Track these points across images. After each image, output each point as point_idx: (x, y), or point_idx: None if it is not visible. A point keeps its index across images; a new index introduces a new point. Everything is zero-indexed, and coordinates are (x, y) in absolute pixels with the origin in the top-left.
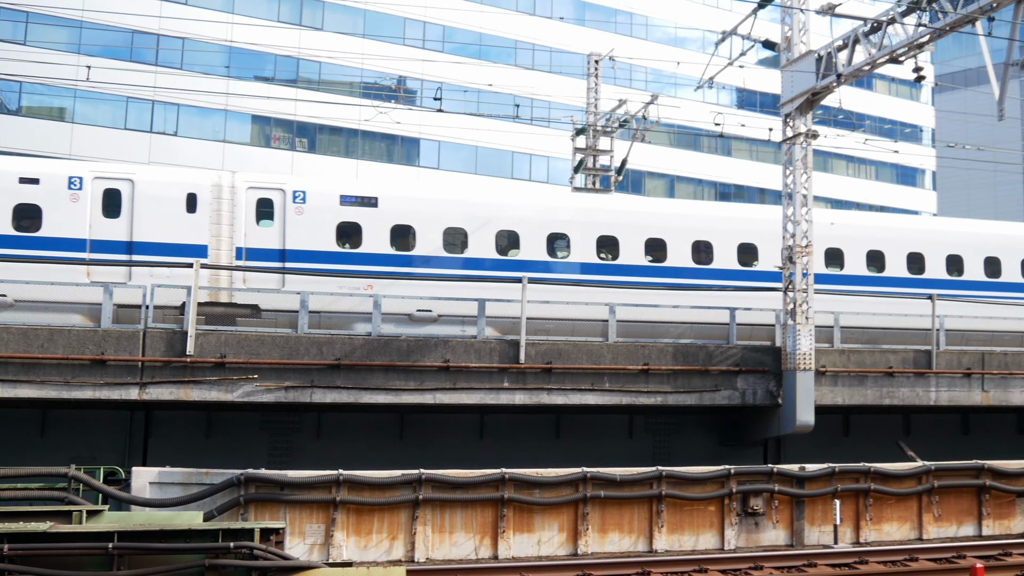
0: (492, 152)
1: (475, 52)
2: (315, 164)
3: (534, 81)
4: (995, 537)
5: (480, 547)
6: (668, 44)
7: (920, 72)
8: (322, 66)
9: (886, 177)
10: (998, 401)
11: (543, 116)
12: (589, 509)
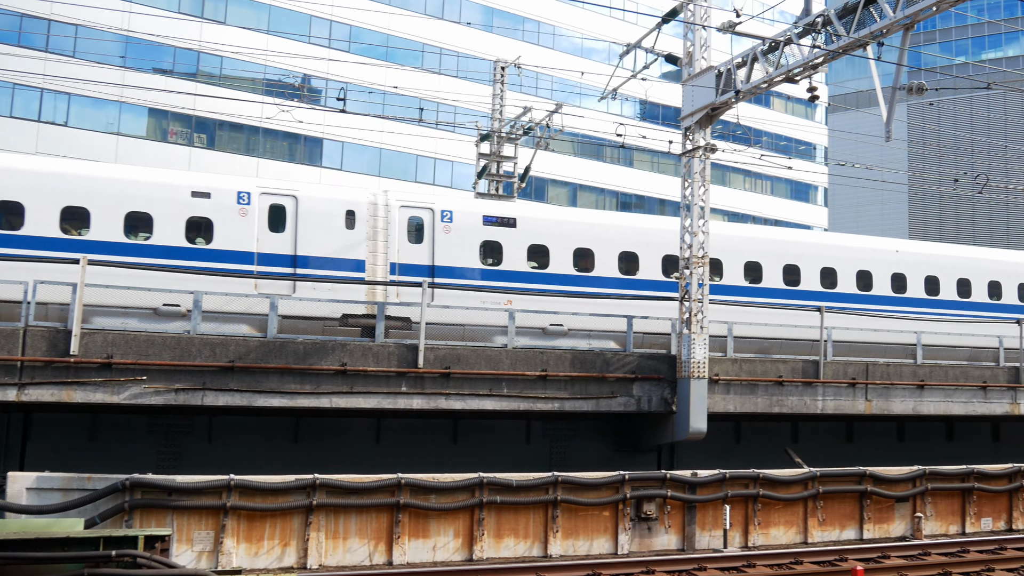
0: (396, 155)
1: (381, 53)
2: (213, 161)
3: (440, 85)
4: (875, 540)
5: (375, 553)
6: (574, 54)
7: (814, 92)
8: (224, 61)
9: (781, 192)
10: (880, 410)
11: (448, 120)
12: (485, 514)
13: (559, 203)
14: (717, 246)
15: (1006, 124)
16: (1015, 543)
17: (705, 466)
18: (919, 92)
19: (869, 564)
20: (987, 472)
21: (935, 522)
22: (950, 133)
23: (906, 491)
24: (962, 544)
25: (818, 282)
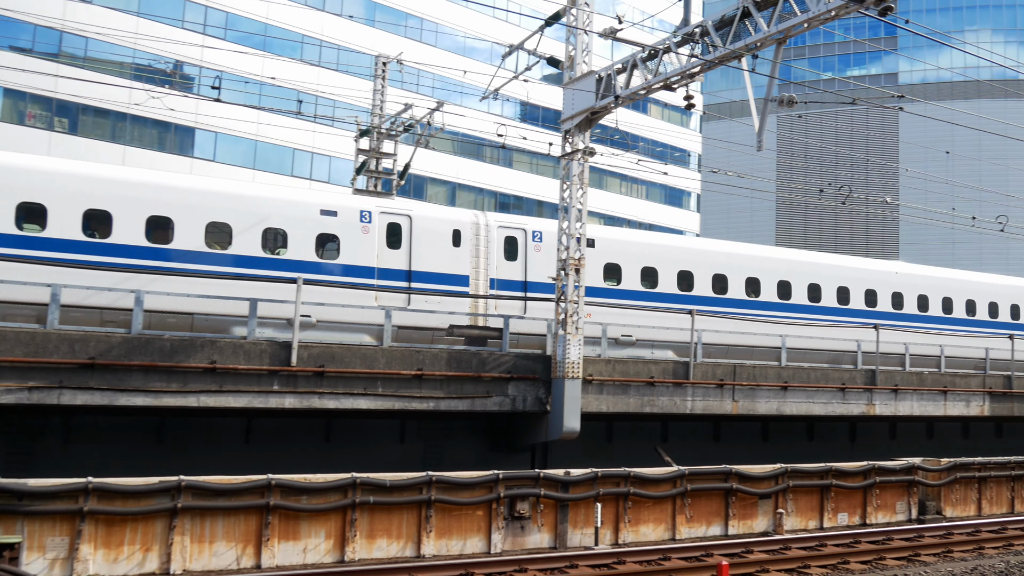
0: (272, 148)
1: (259, 43)
2: (75, 147)
3: (320, 78)
4: (740, 536)
5: (243, 557)
6: (456, 52)
7: (691, 100)
8: (89, 42)
9: (656, 197)
10: (746, 410)
11: (327, 114)
12: (358, 515)
13: (438, 202)
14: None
15: (868, 138)
16: (869, 537)
17: (578, 465)
18: (789, 104)
19: (734, 559)
20: (844, 470)
21: (795, 518)
22: (816, 145)
23: (769, 488)
24: (820, 538)
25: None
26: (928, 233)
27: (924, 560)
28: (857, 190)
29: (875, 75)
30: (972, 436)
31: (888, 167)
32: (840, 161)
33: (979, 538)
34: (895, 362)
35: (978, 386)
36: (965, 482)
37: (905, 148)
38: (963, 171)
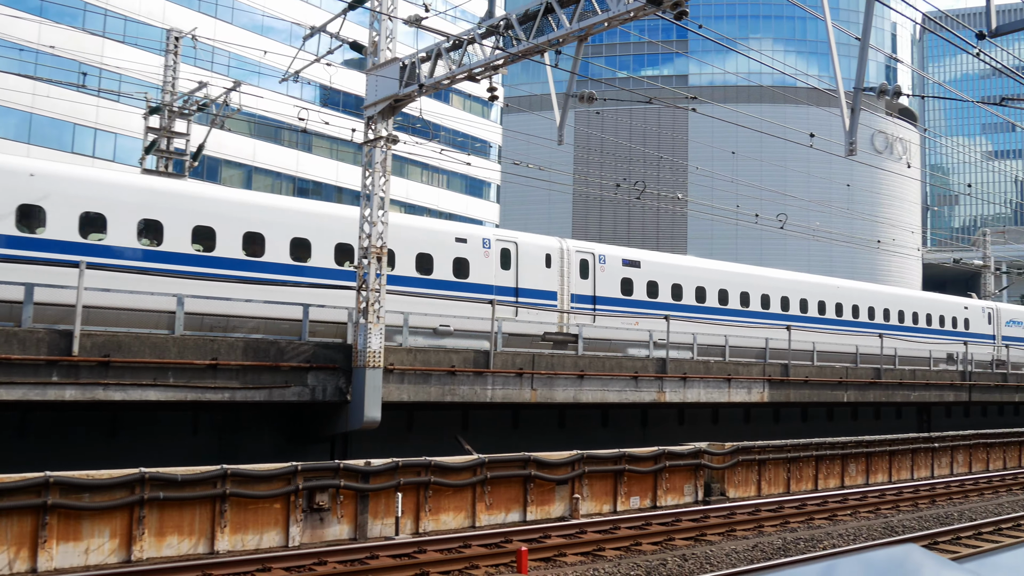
0: (50, 121)
1: (35, 7)
2: None
3: (104, 49)
4: (538, 522)
5: (15, 561)
6: (254, 31)
7: (494, 92)
8: None
9: (456, 187)
10: (544, 398)
11: (112, 89)
12: (147, 512)
13: (233, 185)
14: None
15: (660, 137)
16: (659, 519)
17: (379, 455)
18: (589, 101)
19: (532, 544)
20: (636, 455)
21: (591, 502)
22: (612, 141)
23: (566, 474)
24: (614, 522)
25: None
26: (715, 229)
27: (710, 540)
28: (650, 186)
29: (667, 76)
30: (753, 421)
31: (679, 165)
32: (634, 157)
33: (759, 517)
34: (685, 351)
35: (758, 374)
36: (746, 465)
37: (694, 147)
38: (746, 171)
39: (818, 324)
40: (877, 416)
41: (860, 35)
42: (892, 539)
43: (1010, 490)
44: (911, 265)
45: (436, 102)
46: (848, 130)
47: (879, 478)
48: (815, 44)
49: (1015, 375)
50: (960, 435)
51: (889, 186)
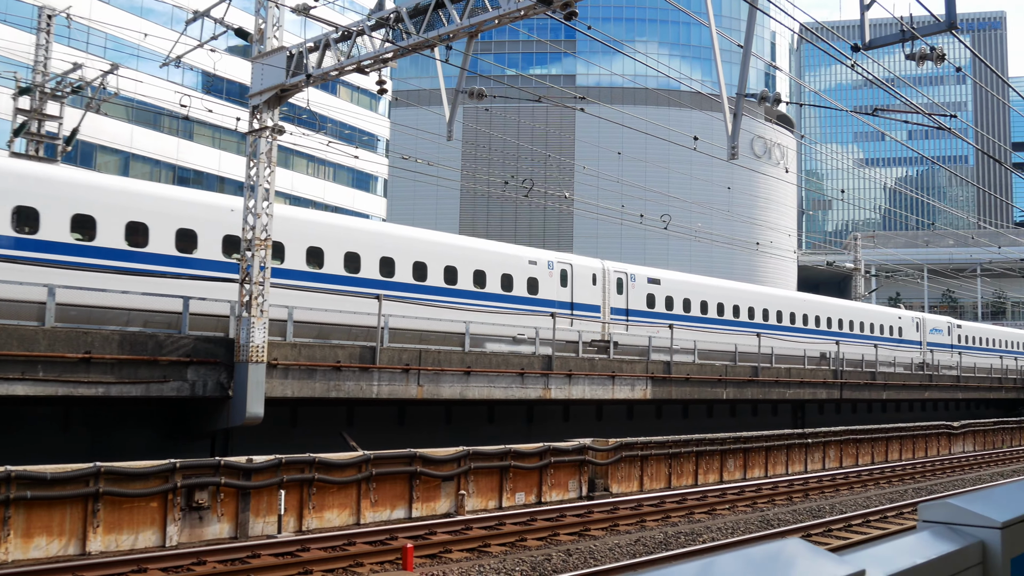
0: None
1: None
2: None
3: None
4: (424, 518)
5: None
6: (133, 13)
7: (383, 85)
8: None
9: (343, 180)
10: (431, 394)
11: None
12: (12, 513)
13: (109, 172)
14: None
15: (548, 135)
16: (544, 515)
17: (262, 451)
18: (479, 97)
19: (418, 541)
20: (522, 451)
21: (476, 498)
22: (500, 138)
23: (452, 471)
24: (499, 518)
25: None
26: (600, 228)
27: (594, 535)
28: (538, 184)
29: (556, 75)
30: (636, 418)
31: (566, 164)
32: (522, 155)
33: (641, 512)
34: (573, 349)
35: (641, 371)
36: (629, 460)
37: (581, 147)
38: (632, 171)
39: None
40: (755, 413)
41: (742, 42)
42: (770, 532)
43: (877, 484)
44: (787, 267)
45: (323, 93)
46: (731, 134)
47: (756, 473)
48: (699, 49)
49: (937, 375)
50: (832, 431)
51: (767, 190)
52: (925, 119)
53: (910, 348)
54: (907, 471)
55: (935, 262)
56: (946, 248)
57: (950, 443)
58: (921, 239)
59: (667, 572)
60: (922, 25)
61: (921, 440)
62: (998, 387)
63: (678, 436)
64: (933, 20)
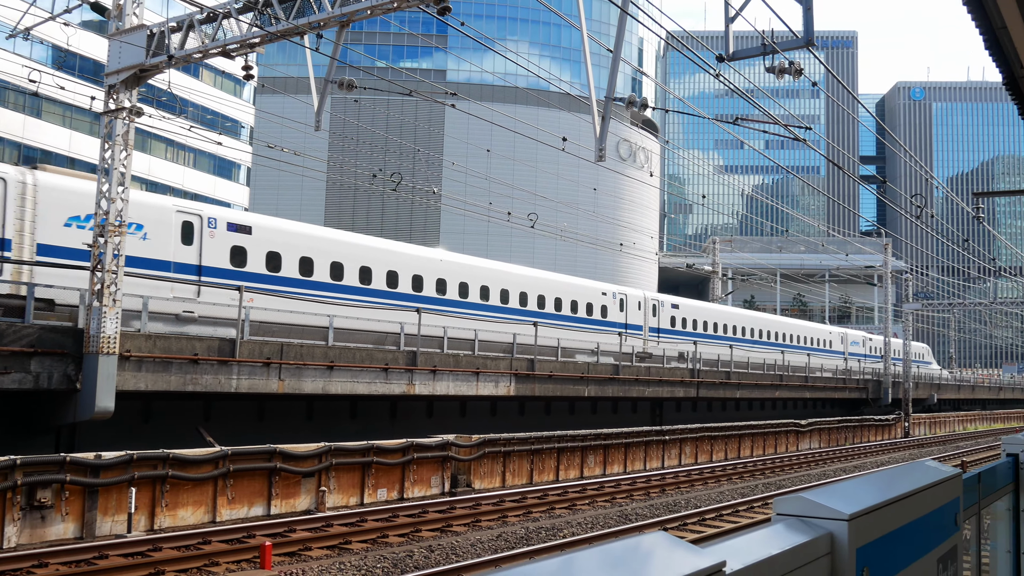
0: None
1: None
2: None
3: None
4: (283, 516)
5: None
6: None
7: (249, 71)
8: None
9: (204, 166)
10: (292, 389)
11: None
12: None
13: None
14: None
15: (416, 130)
16: (406, 511)
17: (112, 447)
18: (348, 88)
19: (277, 539)
20: (384, 447)
21: (338, 495)
22: (369, 131)
23: (313, 467)
24: (361, 514)
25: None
26: (467, 224)
27: (456, 531)
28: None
29: (426, 69)
30: (499, 414)
31: (434, 159)
32: (391, 149)
33: (503, 508)
34: (436, 344)
35: (506, 368)
36: (492, 456)
37: (450, 142)
38: (500, 169)
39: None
40: (615, 411)
41: (611, 47)
42: (629, 526)
43: (730, 479)
44: (648, 268)
45: (186, 76)
46: (598, 136)
47: (615, 469)
48: (569, 51)
49: (787, 376)
50: (688, 428)
51: (631, 192)
52: (782, 130)
53: (837, 357)
54: (758, 467)
55: (787, 267)
56: (798, 254)
57: (798, 440)
58: (775, 245)
59: (529, 568)
60: (782, 40)
61: (771, 437)
62: (843, 387)
63: (540, 433)
64: (792, 36)
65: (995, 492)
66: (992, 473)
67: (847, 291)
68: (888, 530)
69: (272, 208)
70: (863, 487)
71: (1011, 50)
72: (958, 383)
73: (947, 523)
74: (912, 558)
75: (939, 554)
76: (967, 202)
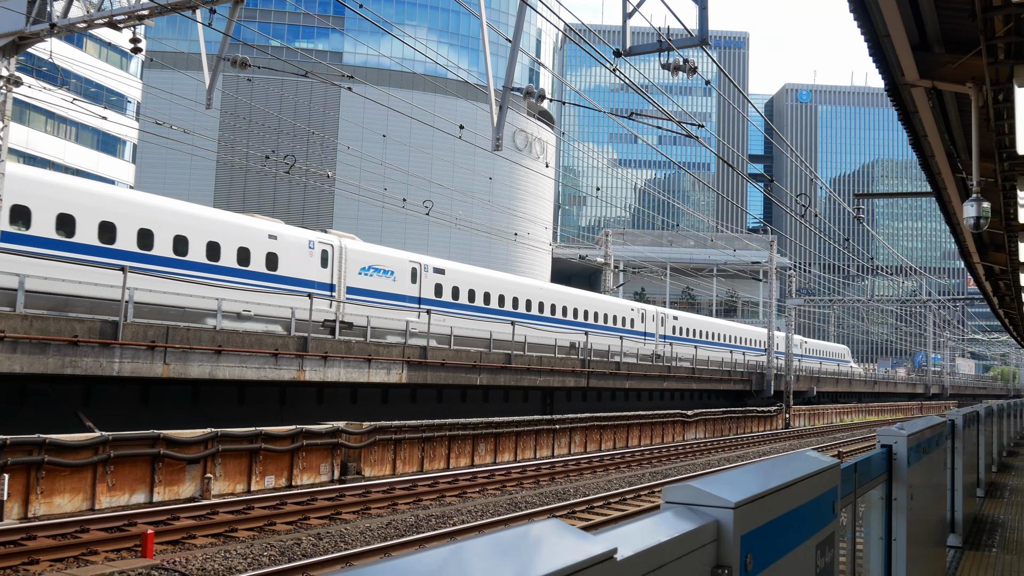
0: None
1: None
2: None
3: None
4: (167, 503)
5: None
6: None
7: (137, 44)
8: None
9: (87, 141)
10: (178, 373)
11: None
12: None
13: None
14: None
15: (311, 112)
16: (295, 498)
17: None
18: (241, 66)
19: (159, 527)
20: (273, 434)
21: (224, 482)
22: (262, 111)
23: (198, 453)
24: (248, 502)
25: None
26: (361, 209)
27: (345, 518)
28: (300, 161)
29: (322, 51)
30: (391, 401)
31: (329, 142)
32: (284, 130)
33: (393, 495)
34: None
35: (398, 355)
36: (383, 444)
37: (345, 126)
38: (396, 155)
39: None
40: (507, 399)
41: (510, 36)
42: (519, 513)
43: (618, 468)
44: (542, 258)
45: (69, 46)
46: (495, 126)
47: (506, 457)
48: (467, 39)
49: (675, 367)
50: (578, 418)
51: (527, 183)
52: (675, 126)
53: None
54: (646, 456)
55: (677, 261)
56: (687, 248)
57: (684, 430)
58: (666, 239)
59: (420, 557)
60: (677, 38)
61: (659, 427)
62: (728, 379)
63: (432, 420)
64: (687, 34)
65: (870, 481)
66: (868, 463)
67: (734, 285)
68: (771, 518)
69: (159, 187)
70: (748, 476)
71: (893, 58)
72: (836, 376)
73: (825, 511)
74: (793, 544)
75: (818, 540)
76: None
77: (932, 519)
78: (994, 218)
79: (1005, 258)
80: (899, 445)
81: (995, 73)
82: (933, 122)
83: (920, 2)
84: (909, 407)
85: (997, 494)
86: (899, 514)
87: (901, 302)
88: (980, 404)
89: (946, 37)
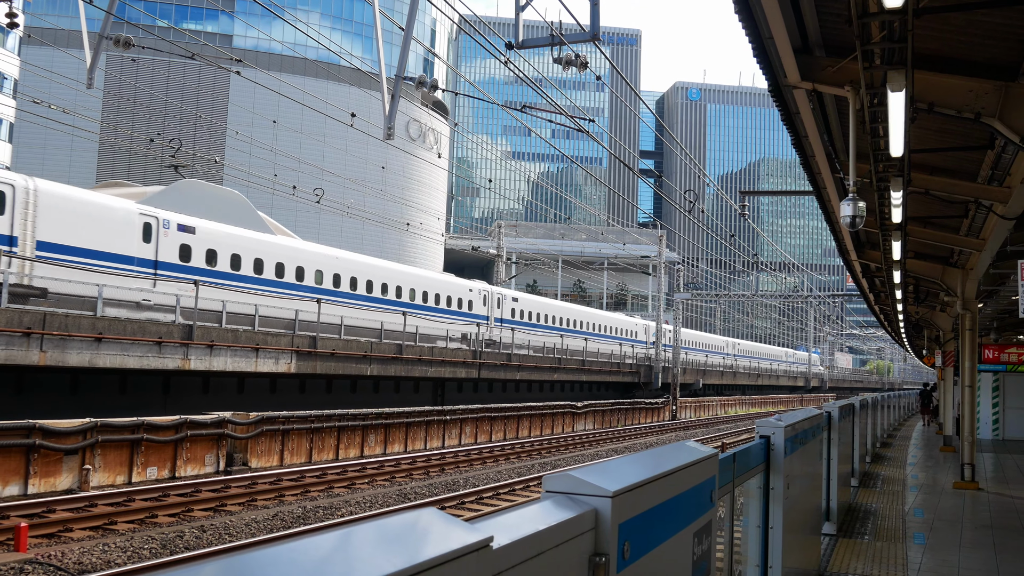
0: None
1: None
2: None
3: None
4: (42, 495)
5: None
6: None
7: (14, 19)
8: None
9: None
10: (55, 361)
11: None
12: None
13: None
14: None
15: (199, 96)
16: (177, 490)
17: None
18: (125, 46)
19: (34, 520)
20: (156, 424)
21: (104, 473)
22: (147, 92)
23: (76, 444)
24: (128, 493)
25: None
26: (250, 196)
27: (230, 510)
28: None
29: (211, 33)
30: (279, 391)
31: (218, 127)
32: (171, 113)
33: (281, 486)
34: (213, 319)
35: (287, 345)
36: (270, 434)
37: (235, 111)
38: (287, 142)
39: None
40: (398, 390)
41: (404, 25)
42: (407, 505)
43: (508, 459)
44: (435, 249)
45: None
46: (388, 115)
47: (396, 448)
48: (360, 26)
49: (566, 359)
50: (469, 409)
51: (420, 173)
52: (568, 120)
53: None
54: (535, 447)
55: (569, 254)
56: (579, 241)
57: (574, 421)
58: (558, 231)
59: (305, 543)
60: (570, 33)
61: (549, 418)
62: (617, 371)
63: (321, 411)
64: (580, 30)
65: (748, 471)
66: (746, 454)
67: (624, 279)
68: (649, 506)
69: (38, 168)
70: (628, 466)
71: (776, 60)
72: (721, 369)
73: (703, 500)
74: (670, 533)
75: (695, 529)
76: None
77: (808, 508)
78: (869, 217)
79: (880, 256)
80: (776, 436)
81: (870, 77)
82: (813, 123)
83: (802, 6)
84: (790, 399)
85: (870, 484)
86: (776, 503)
87: (784, 297)
88: (856, 397)
89: (826, 41)
